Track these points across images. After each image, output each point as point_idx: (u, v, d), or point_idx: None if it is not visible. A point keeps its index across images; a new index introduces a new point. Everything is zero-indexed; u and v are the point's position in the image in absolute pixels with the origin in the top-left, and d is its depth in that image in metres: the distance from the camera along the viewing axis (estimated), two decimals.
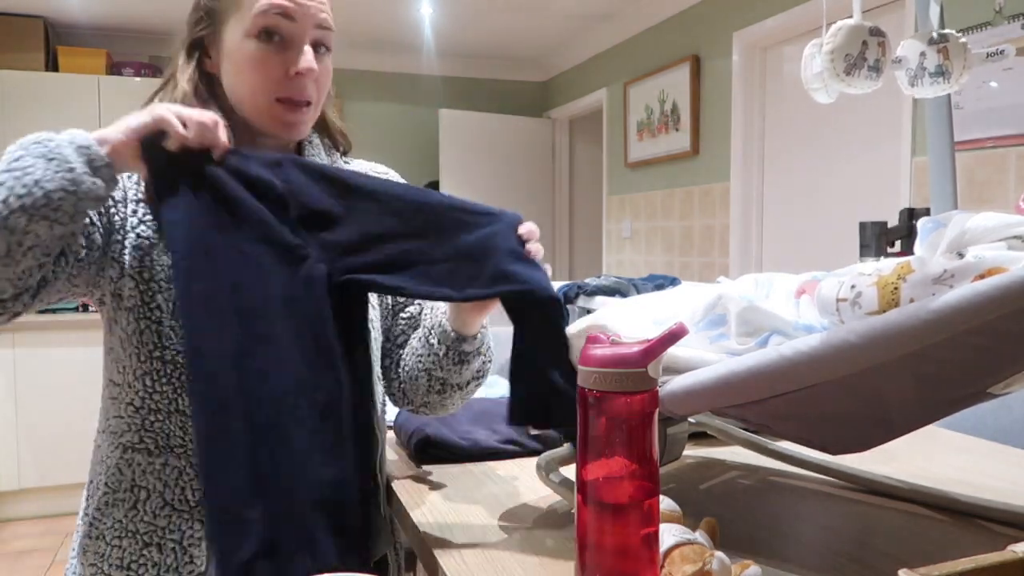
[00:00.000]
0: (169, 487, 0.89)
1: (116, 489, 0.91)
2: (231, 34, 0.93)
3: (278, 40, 0.92)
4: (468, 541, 0.91)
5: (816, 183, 3.09)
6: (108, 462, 0.92)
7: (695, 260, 3.75)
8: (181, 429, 0.90)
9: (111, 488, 0.91)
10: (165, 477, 0.89)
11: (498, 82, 5.39)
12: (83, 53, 4.16)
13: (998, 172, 2.27)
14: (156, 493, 0.89)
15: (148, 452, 0.90)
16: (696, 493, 1.07)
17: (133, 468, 0.90)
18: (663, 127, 3.94)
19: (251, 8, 0.90)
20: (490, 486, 1.11)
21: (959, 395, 0.79)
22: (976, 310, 0.61)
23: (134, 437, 0.90)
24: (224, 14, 0.94)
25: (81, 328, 3.87)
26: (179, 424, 0.89)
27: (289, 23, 0.91)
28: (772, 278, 0.91)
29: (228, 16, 0.93)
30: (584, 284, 2.67)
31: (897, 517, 0.97)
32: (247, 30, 0.91)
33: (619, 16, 4.23)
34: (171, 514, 0.89)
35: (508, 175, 5.20)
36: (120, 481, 0.91)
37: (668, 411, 0.82)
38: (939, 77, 1.26)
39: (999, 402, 1.43)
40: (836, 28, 1.20)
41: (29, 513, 3.83)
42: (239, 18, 0.92)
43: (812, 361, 0.70)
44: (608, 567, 0.65)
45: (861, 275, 0.72)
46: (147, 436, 0.90)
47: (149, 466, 0.90)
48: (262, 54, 0.91)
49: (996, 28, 2.24)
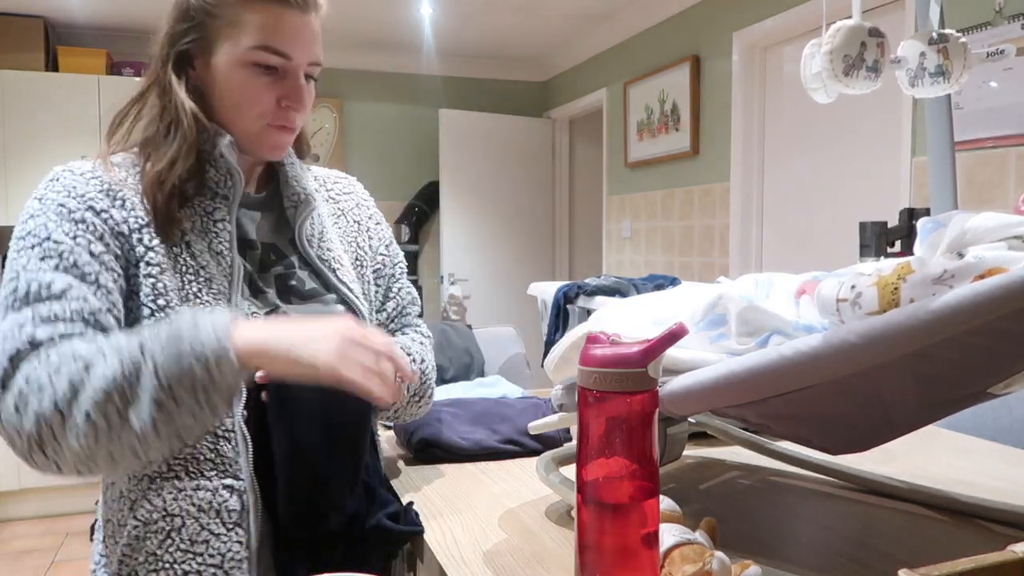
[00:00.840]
0: (204, 511, 0.87)
1: (147, 521, 0.86)
2: (224, 56, 0.92)
3: (272, 72, 0.93)
4: (468, 541, 0.91)
5: (816, 183, 3.09)
6: (131, 496, 0.88)
7: (695, 260, 3.75)
8: (212, 451, 0.87)
9: (141, 521, 0.87)
10: (198, 501, 0.87)
11: (498, 82, 5.39)
12: (83, 53, 4.16)
13: (998, 172, 2.27)
14: (191, 519, 0.86)
15: (178, 479, 0.87)
16: (696, 493, 1.07)
17: (163, 498, 0.87)
18: (663, 127, 3.94)
19: (248, 38, 0.90)
20: (490, 486, 1.11)
21: (959, 395, 0.79)
22: (976, 310, 0.61)
23: (161, 467, 0.87)
24: (216, 31, 0.91)
25: None
26: (209, 446, 0.87)
27: (283, 60, 0.92)
28: (772, 278, 0.91)
29: (221, 34, 0.91)
30: (584, 284, 2.67)
31: (897, 517, 0.97)
32: (240, 58, 0.91)
33: (619, 16, 4.23)
34: (208, 538, 0.87)
35: (508, 175, 5.20)
36: (151, 512, 0.87)
37: (668, 411, 0.82)
38: (939, 77, 1.26)
39: (999, 402, 1.43)
40: (835, 29, 1.20)
41: (29, 513, 3.82)
42: (234, 42, 0.91)
43: (812, 361, 0.70)
44: (608, 567, 0.65)
45: (861, 275, 0.72)
46: (176, 464, 0.87)
47: (180, 493, 0.87)
48: (255, 84, 0.92)
49: (996, 28, 2.24)
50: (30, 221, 0.86)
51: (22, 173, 3.95)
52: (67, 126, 4.00)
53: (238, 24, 0.90)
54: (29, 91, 3.93)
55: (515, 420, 1.29)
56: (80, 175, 0.90)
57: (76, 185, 0.88)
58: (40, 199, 0.88)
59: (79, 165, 0.91)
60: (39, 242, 0.84)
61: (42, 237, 0.84)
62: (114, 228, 0.88)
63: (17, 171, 3.94)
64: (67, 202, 0.87)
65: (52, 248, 0.84)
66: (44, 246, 0.84)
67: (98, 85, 4.05)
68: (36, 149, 3.95)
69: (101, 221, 0.87)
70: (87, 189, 0.88)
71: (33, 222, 0.86)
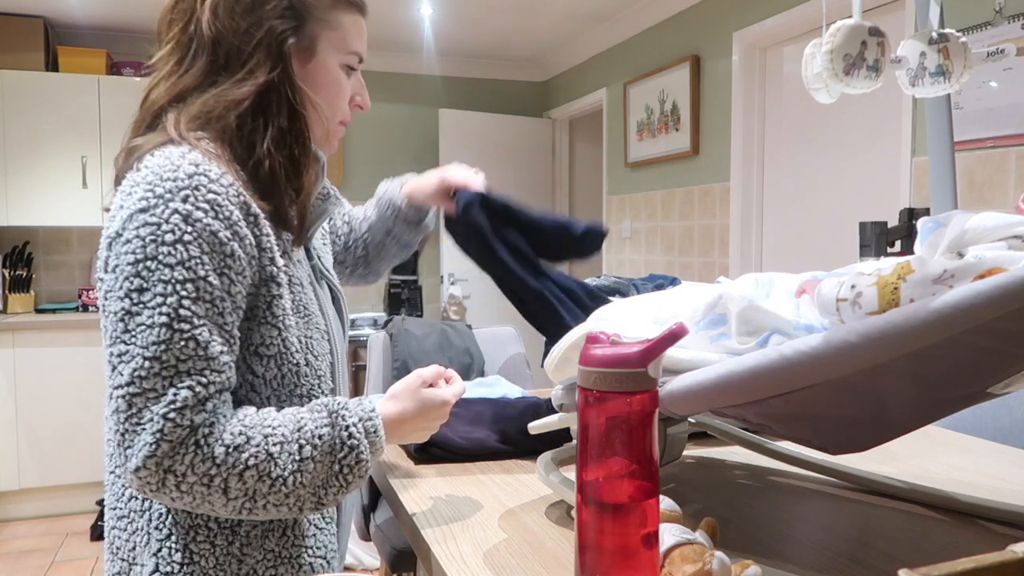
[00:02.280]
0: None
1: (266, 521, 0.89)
2: (325, 57, 0.94)
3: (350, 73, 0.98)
4: (468, 541, 0.91)
5: (816, 183, 3.09)
6: None
7: (695, 260, 3.75)
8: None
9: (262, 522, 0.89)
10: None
11: (498, 82, 5.39)
12: (83, 53, 4.15)
13: (998, 172, 2.27)
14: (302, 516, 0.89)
15: None
16: (696, 493, 1.07)
17: None
18: (663, 127, 3.94)
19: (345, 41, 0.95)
20: (490, 486, 1.10)
21: (959, 395, 0.79)
22: (976, 310, 0.61)
23: None
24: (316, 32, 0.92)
25: (81, 328, 3.87)
26: None
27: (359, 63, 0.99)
28: (772, 278, 0.91)
29: (320, 35, 0.93)
30: (584, 284, 2.67)
31: (897, 517, 0.97)
32: (340, 60, 0.95)
33: (619, 16, 4.23)
34: (315, 532, 0.94)
35: (508, 175, 5.19)
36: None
37: (668, 411, 0.82)
38: (940, 77, 1.27)
39: (999, 402, 1.43)
40: (836, 28, 1.20)
41: (29, 513, 3.83)
42: (335, 44, 0.94)
43: (812, 361, 0.70)
44: (608, 567, 0.65)
45: (861, 275, 0.71)
46: None
47: None
48: (344, 84, 0.97)
49: (996, 28, 2.24)
50: (179, 246, 0.78)
51: (22, 173, 3.95)
52: (67, 126, 4.01)
53: (337, 27, 0.94)
54: (29, 91, 3.93)
55: (515, 420, 1.29)
56: (219, 183, 0.82)
57: (220, 202, 0.81)
58: (186, 218, 0.79)
59: (213, 170, 0.82)
60: (192, 279, 0.78)
61: (197, 275, 0.78)
62: (251, 255, 0.84)
63: (17, 171, 3.94)
64: (218, 229, 0.80)
65: (206, 292, 0.79)
66: (198, 286, 0.78)
67: (98, 85, 4.05)
68: (36, 149, 3.95)
69: (244, 252, 0.83)
70: (231, 209, 0.82)
71: (184, 250, 0.78)
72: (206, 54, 0.89)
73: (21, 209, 3.98)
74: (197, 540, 0.85)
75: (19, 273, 4.13)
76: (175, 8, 0.91)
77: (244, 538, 0.87)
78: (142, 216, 0.78)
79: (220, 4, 0.88)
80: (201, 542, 0.86)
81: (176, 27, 0.91)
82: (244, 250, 0.83)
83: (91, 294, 4.17)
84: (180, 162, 0.81)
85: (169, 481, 0.76)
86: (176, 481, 0.76)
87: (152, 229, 0.78)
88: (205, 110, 0.87)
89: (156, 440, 0.75)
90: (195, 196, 0.80)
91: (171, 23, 0.92)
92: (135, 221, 0.78)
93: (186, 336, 0.77)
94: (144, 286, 0.77)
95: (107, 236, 0.81)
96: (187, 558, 0.85)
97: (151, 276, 0.77)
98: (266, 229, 0.86)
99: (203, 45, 0.89)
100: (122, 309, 0.77)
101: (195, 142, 0.84)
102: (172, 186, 0.79)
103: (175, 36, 0.91)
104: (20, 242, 4.23)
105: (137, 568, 0.86)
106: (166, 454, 0.76)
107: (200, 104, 0.87)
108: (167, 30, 0.92)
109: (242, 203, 0.83)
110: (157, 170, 0.81)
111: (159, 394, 0.76)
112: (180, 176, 0.80)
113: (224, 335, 0.81)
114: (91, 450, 3.86)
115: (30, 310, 4.15)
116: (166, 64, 0.91)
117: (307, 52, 0.92)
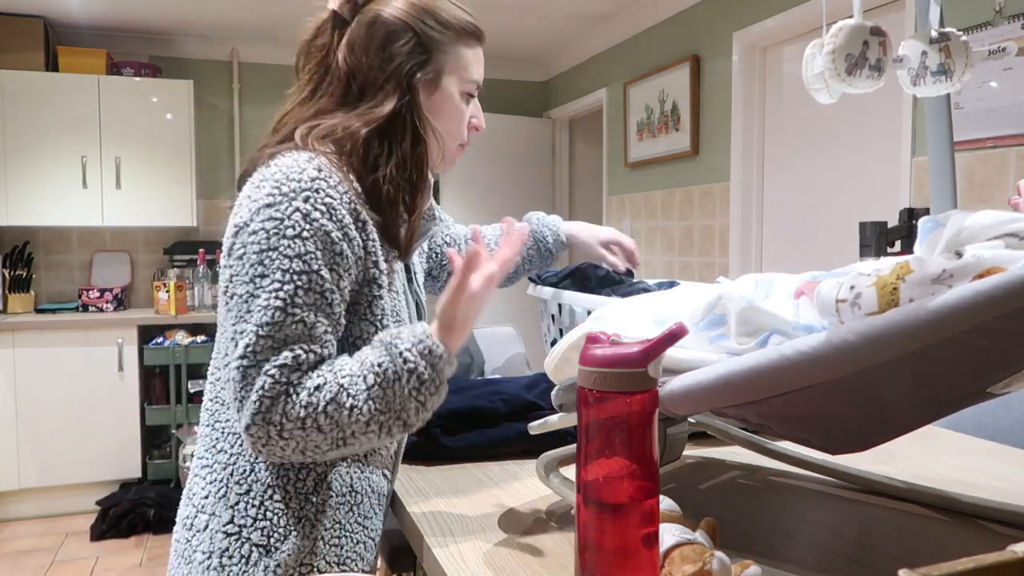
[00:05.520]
0: (373, 492, 1.00)
1: (339, 493, 0.96)
2: (449, 87, 1.01)
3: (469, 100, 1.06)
4: (468, 541, 0.91)
5: (816, 183, 3.09)
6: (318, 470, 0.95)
7: (695, 260, 3.75)
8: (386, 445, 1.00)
9: (335, 492, 0.95)
10: (373, 484, 1.00)
11: (498, 82, 5.38)
12: (83, 53, 4.15)
13: (998, 172, 2.26)
14: (366, 497, 0.99)
15: (360, 462, 0.98)
16: (696, 493, 1.07)
17: (351, 475, 0.97)
18: (663, 127, 3.94)
19: (468, 72, 1.03)
20: (490, 486, 1.11)
21: (959, 395, 0.79)
22: (975, 310, 0.61)
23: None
24: (443, 64, 1.00)
25: (81, 328, 3.88)
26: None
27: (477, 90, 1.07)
28: (772, 278, 0.91)
29: (446, 67, 1.00)
30: None
31: (897, 517, 0.97)
32: (462, 89, 1.03)
33: (619, 16, 4.23)
34: (371, 515, 1.00)
35: (508, 175, 5.19)
36: (342, 486, 0.96)
37: (668, 411, 0.82)
38: (941, 76, 1.26)
39: (999, 402, 1.43)
40: (837, 28, 1.20)
41: (29, 513, 3.83)
42: (459, 76, 1.02)
43: (812, 361, 0.70)
44: (608, 567, 0.65)
45: (860, 275, 0.71)
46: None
47: (360, 474, 0.98)
48: (464, 111, 1.05)
49: (996, 28, 2.24)
50: (298, 241, 0.86)
51: (22, 173, 3.95)
52: (67, 126, 4.00)
53: (460, 58, 1.01)
54: (29, 91, 3.93)
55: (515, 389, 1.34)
56: (336, 190, 0.90)
57: (335, 206, 0.89)
58: (306, 216, 0.87)
59: (332, 177, 0.90)
60: (307, 271, 0.86)
61: (311, 268, 0.86)
62: (357, 255, 0.92)
63: (17, 171, 3.94)
64: (331, 230, 0.88)
65: (318, 285, 0.87)
66: (311, 278, 0.86)
67: (98, 85, 4.05)
68: (36, 149, 3.95)
69: (352, 253, 0.91)
70: (343, 213, 0.90)
71: (302, 244, 0.86)
72: (341, 85, 0.98)
73: (21, 209, 3.98)
74: (274, 499, 0.92)
75: (19, 273, 4.13)
76: (312, 43, 1.00)
77: (318, 505, 0.94)
78: (268, 211, 0.87)
79: (356, 41, 0.97)
80: (277, 502, 0.92)
81: (313, 60, 1.00)
82: (352, 251, 0.91)
83: (90, 294, 4.17)
84: (305, 166, 0.89)
85: (272, 432, 0.84)
86: (278, 431, 0.84)
87: (276, 223, 0.86)
88: (334, 130, 0.95)
89: (259, 398, 0.83)
90: (314, 198, 0.88)
91: (308, 56, 1.01)
92: (262, 215, 0.87)
93: (296, 320, 0.85)
94: (265, 272, 0.85)
95: (235, 224, 0.89)
96: (261, 514, 0.92)
97: (272, 264, 0.85)
98: (373, 235, 0.94)
99: (338, 77, 0.98)
100: (247, 292, 0.86)
101: (321, 150, 0.93)
102: (296, 186, 0.87)
103: (312, 69, 1.00)
104: (20, 242, 4.22)
105: (205, 516, 0.94)
106: (268, 408, 0.83)
107: (329, 126, 0.95)
108: (304, 63, 1.01)
109: (353, 209, 0.91)
110: (285, 170, 0.89)
111: (266, 360, 0.84)
112: (304, 178, 0.88)
113: (331, 320, 0.88)
114: (91, 450, 3.86)
115: (30, 310, 4.15)
116: (300, 93, 1.00)
117: (433, 84, 1.00)
